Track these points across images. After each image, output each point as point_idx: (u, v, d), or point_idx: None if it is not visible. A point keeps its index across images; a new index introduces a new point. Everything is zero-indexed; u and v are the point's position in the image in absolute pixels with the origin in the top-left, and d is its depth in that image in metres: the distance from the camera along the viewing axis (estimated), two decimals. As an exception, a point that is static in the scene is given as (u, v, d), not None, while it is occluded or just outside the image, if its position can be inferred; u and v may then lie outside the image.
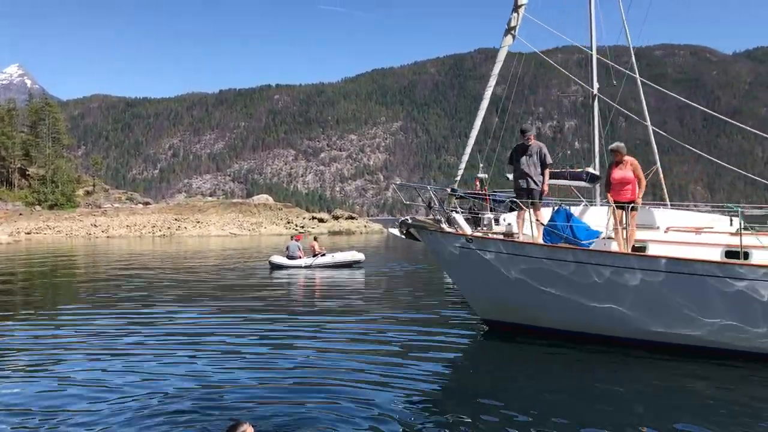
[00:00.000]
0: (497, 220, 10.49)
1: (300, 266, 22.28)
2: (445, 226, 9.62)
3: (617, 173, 9.06)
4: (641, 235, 9.20)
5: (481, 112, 10.41)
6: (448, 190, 10.69)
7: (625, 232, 8.79)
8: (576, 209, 10.09)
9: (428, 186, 9.67)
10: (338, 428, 5.52)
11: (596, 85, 12.94)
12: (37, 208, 71.59)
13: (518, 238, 9.41)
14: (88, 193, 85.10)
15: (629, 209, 8.78)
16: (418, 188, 10.03)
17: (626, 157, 9.10)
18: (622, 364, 7.98)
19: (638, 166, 9.08)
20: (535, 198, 9.57)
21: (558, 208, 9.58)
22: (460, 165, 10.86)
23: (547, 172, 9.80)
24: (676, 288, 8.01)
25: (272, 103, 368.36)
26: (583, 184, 13.72)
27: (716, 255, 8.49)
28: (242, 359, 8.28)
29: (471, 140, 10.48)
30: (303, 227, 64.41)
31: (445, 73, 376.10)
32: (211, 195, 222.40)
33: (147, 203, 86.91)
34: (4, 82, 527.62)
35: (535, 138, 9.94)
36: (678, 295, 8.03)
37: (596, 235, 9.21)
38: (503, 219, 10.42)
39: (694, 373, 7.44)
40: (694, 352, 8.07)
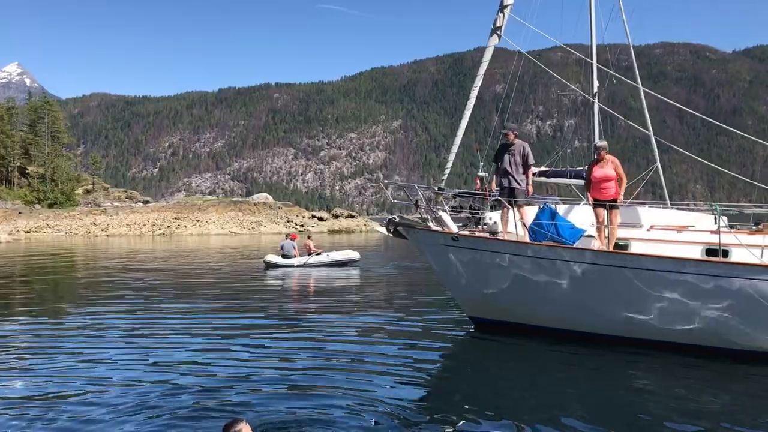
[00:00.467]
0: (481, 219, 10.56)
1: (294, 265, 22.37)
2: (432, 224, 9.74)
3: (598, 171, 9.09)
4: (624, 233, 9.31)
5: (467, 112, 10.46)
6: (435, 188, 10.80)
7: (606, 230, 8.91)
8: (562, 208, 10.21)
9: (415, 185, 9.76)
10: (333, 426, 5.59)
11: (596, 84, 12.98)
12: (37, 206, 71.57)
13: (502, 236, 9.53)
14: (87, 192, 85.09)
15: (609, 207, 8.85)
16: (406, 187, 10.12)
17: (607, 156, 9.11)
18: (610, 362, 8.09)
19: (619, 164, 9.09)
20: (518, 197, 9.63)
21: (543, 207, 9.68)
22: (447, 164, 10.97)
23: (530, 171, 9.87)
24: (655, 285, 8.15)
25: (272, 102, 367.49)
26: (583, 182, 13.74)
27: (697, 253, 8.63)
28: (237, 358, 8.37)
29: (457, 139, 10.58)
30: (303, 226, 64.49)
31: (445, 71, 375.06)
32: (210, 193, 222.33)
33: (147, 202, 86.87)
34: (3, 81, 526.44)
35: (518, 137, 9.92)
36: (657, 292, 8.17)
37: (581, 233, 9.30)
38: (489, 217, 10.52)
39: (684, 369, 7.56)
40: (676, 349, 8.21)
